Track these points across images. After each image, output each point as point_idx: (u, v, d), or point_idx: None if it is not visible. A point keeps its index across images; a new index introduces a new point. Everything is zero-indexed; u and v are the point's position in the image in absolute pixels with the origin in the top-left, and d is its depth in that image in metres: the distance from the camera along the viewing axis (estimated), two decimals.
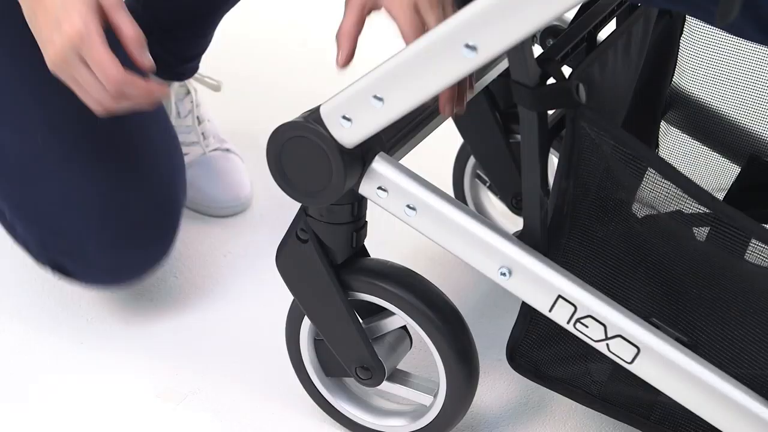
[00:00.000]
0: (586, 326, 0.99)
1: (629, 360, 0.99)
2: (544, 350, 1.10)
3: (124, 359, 1.33)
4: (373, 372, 1.15)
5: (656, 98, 1.25)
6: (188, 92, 1.61)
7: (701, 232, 1.03)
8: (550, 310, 1.00)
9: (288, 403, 1.26)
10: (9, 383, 1.31)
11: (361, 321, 1.13)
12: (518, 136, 1.40)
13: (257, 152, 1.12)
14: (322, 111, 0.99)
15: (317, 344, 1.19)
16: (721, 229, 0.95)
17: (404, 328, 1.17)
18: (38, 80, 1.23)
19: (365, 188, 1.03)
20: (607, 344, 0.99)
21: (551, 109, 0.98)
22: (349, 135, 0.98)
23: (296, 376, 1.21)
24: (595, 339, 0.99)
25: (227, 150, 1.63)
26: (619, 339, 0.98)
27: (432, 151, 1.18)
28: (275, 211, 1.59)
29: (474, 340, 1.13)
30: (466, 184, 1.51)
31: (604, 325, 0.98)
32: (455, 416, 1.15)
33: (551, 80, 0.97)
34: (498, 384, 1.29)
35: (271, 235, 1.52)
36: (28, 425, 1.25)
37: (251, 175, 1.63)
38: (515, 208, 1.44)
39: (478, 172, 1.50)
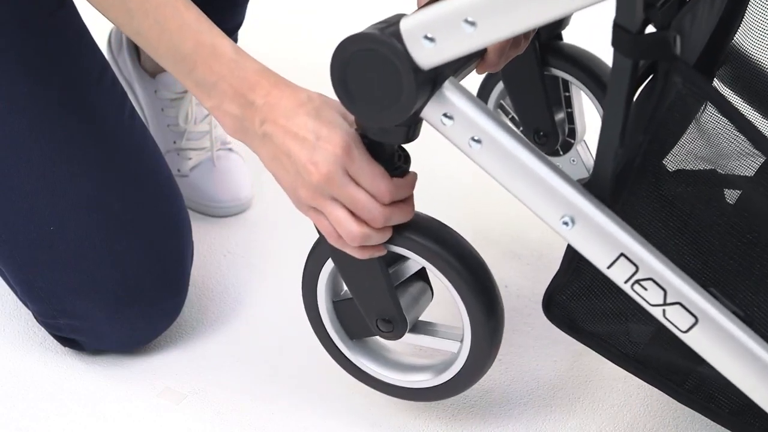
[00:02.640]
0: (645, 289, 0.95)
1: (684, 329, 0.95)
2: (583, 303, 1.06)
3: (124, 359, 1.31)
4: (395, 324, 1.11)
5: (716, 52, 1.20)
6: None
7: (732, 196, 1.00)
8: (608, 267, 0.96)
9: (289, 403, 1.25)
10: (9, 383, 1.27)
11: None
12: (553, 70, 1.36)
13: None
14: (402, 26, 0.92)
15: (336, 306, 1.15)
16: None
17: (426, 280, 1.14)
18: (45, 168, 1.22)
19: (429, 113, 0.97)
20: (664, 310, 0.95)
21: (647, 59, 0.92)
22: (428, 56, 0.92)
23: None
24: (652, 303, 0.95)
25: (229, 149, 1.59)
26: (678, 306, 0.94)
27: None
28: (275, 211, 1.57)
29: (498, 289, 1.10)
30: None
31: (664, 290, 0.94)
32: (480, 368, 1.12)
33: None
34: (498, 384, 1.28)
35: (271, 235, 1.53)
36: (28, 425, 1.22)
37: (252, 175, 1.59)
38: (538, 143, 1.40)
39: (502, 102, 1.44)
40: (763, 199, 0.95)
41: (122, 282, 1.23)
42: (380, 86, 0.94)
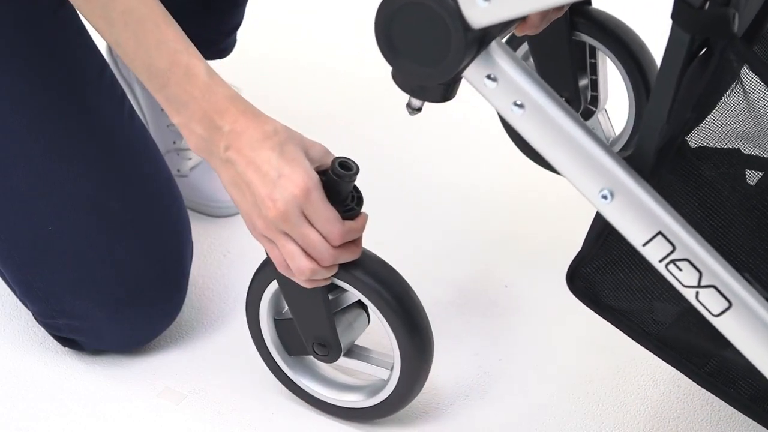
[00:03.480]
0: (680, 269, 0.93)
1: (717, 313, 0.93)
2: (608, 276, 1.04)
3: (124, 359, 1.30)
4: (330, 349, 1.14)
5: (756, 30, 1.18)
6: None
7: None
8: (644, 245, 0.94)
9: (289, 403, 1.24)
10: (9, 383, 1.28)
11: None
12: (581, 35, 1.33)
13: None
14: None
15: (278, 324, 1.18)
16: None
17: (363, 307, 1.16)
18: (45, 168, 1.22)
19: (473, 74, 0.94)
20: (697, 292, 0.93)
21: (706, 35, 0.90)
22: (481, 15, 0.89)
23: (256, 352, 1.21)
24: (685, 284, 0.94)
25: None
26: (712, 290, 0.93)
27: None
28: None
29: (426, 316, 1.13)
30: None
31: (700, 272, 0.92)
32: (407, 395, 1.16)
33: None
34: (498, 384, 1.27)
35: None
36: (28, 425, 1.21)
37: None
38: None
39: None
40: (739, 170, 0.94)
41: (122, 282, 1.23)
42: (427, 43, 0.91)
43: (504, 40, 1.41)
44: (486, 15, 0.89)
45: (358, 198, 1.08)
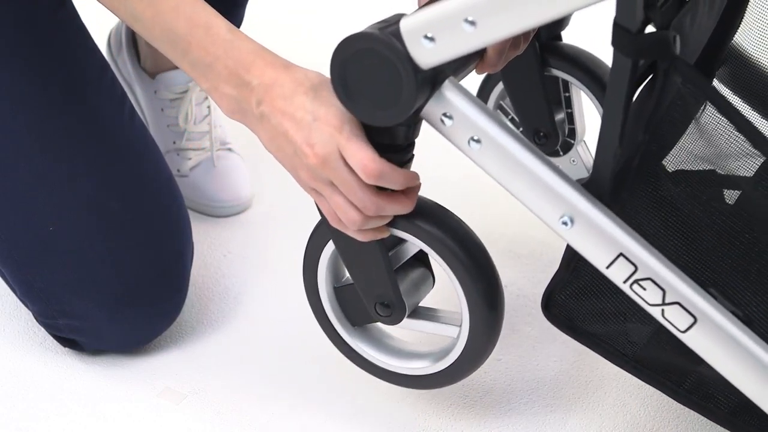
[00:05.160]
0: (644, 289, 0.95)
1: (683, 329, 0.95)
2: (582, 303, 1.06)
3: (124, 359, 1.31)
4: (394, 309, 1.10)
5: (716, 52, 1.20)
6: (207, 96, 1.56)
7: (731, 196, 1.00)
8: (607, 267, 0.96)
9: (289, 403, 1.25)
10: (9, 383, 1.27)
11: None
12: (553, 70, 1.36)
13: (259, 152, 1.08)
14: (402, 26, 0.92)
15: (338, 292, 1.15)
16: None
17: (428, 266, 1.13)
18: (45, 168, 1.22)
19: (429, 113, 0.97)
20: (663, 310, 0.95)
21: (647, 59, 0.92)
22: (428, 56, 0.92)
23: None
24: (650, 303, 0.95)
25: (229, 149, 1.59)
26: (676, 306, 0.94)
27: None
28: (275, 211, 1.57)
29: (501, 283, 1.10)
30: None
31: (663, 290, 0.94)
32: (479, 356, 1.12)
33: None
34: (498, 384, 1.27)
35: (271, 235, 1.52)
36: (28, 425, 1.22)
37: (252, 175, 1.59)
38: (538, 144, 1.40)
39: (502, 103, 1.44)
40: (762, 199, 0.95)
41: (122, 282, 1.23)
42: (380, 86, 0.94)
43: (481, 79, 1.44)
44: (433, 55, 0.92)
45: (406, 148, 1.02)
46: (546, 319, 1.09)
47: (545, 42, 1.34)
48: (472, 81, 1.42)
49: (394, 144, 1.00)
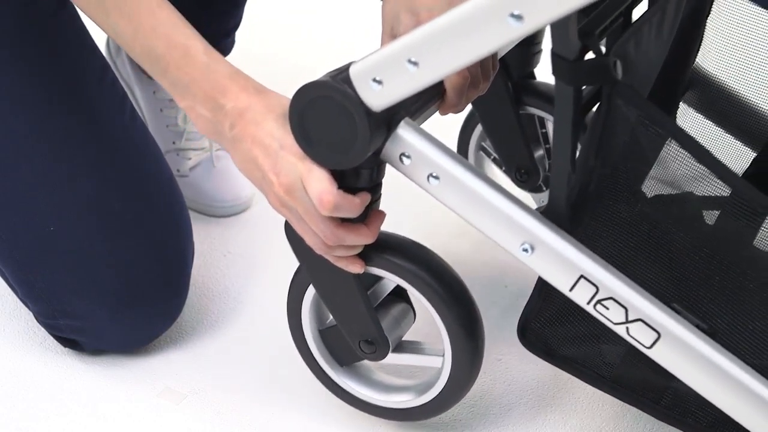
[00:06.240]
0: (607, 308, 0.97)
1: (648, 345, 0.97)
2: (556, 329, 1.09)
3: (124, 359, 1.32)
4: (377, 345, 1.13)
5: (678, 78, 1.23)
6: None
7: (711, 216, 1.02)
8: (570, 290, 0.98)
9: (289, 403, 1.26)
10: (9, 383, 1.29)
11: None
12: (528, 108, 1.39)
13: None
14: (351, 72, 0.96)
15: (322, 334, 1.18)
16: (737, 207, 0.94)
17: (408, 301, 1.16)
18: (46, 168, 1.22)
19: (388, 154, 1.01)
20: (627, 328, 0.97)
21: (588, 84, 0.96)
22: (378, 98, 0.95)
23: (301, 360, 1.21)
24: (614, 321, 0.98)
25: None
26: (639, 323, 0.97)
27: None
28: (275, 211, 1.57)
29: (479, 312, 1.12)
30: (470, 156, 1.49)
31: (625, 308, 0.97)
32: (461, 389, 1.14)
33: (589, 55, 0.95)
34: (498, 384, 1.28)
35: (271, 235, 1.51)
36: (28, 425, 1.23)
37: None
38: (520, 181, 1.42)
39: (483, 144, 1.47)
40: (694, 209, 0.98)
41: (122, 282, 1.24)
42: (336, 131, 0.97)
43: (464, 120, 1.47)
44: (382, 97, 0.95)
45: (373, 183, 1.04)
46: (523, 346, 1.11)
47: (518, 81, 1.37)
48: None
49: (358, 187, 1.04)
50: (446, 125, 1.47)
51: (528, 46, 1.36)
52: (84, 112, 1.25)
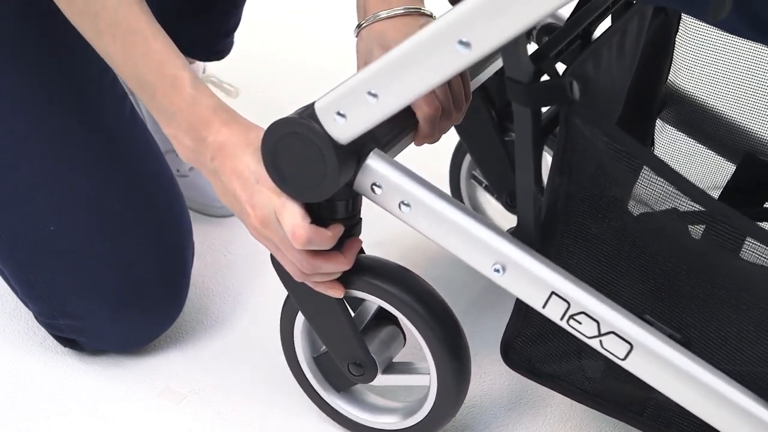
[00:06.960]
0: (580, 323, 0.99)
1: (622, 356, 0.99)
2: (537, 347, 1.10)
3: (124, 359, 1.33)
4: (365, 367, 1.15)
5: (651, 96, 1.25)
6: None
7: (697, 231, 1.03)
8: (543, 307, 1.00)
9: (289, 403, 1.26)
10: (9, 383, 1.30)
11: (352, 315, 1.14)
12: (512, 134, 1.41)
13: None
14: (316, 107, 0.99)
15: (317, 360, 1.20)
16: (715, 227, 0.96)
17: (396, 324, 1.18)
18: (46, 168, 1.23)
19: (360, 184, 1.04)
20: (600, 341, 0.99)
21: (545, 105, 0.98)
22: (343, 131, 0.98)
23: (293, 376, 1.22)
24: (588, 335, 1.00)
25: None
26: (612, 335, 0.98)
27: (427, 149, 1.19)
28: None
29: (465, 337, 1.13)
30: (462, 184, 1.51)
31: (597, 322, 0.98)
32: (449, 408, 1.16)
33: (545, 77, 0.97)
34: (497, 384, 1.29)
35: None
36: (28, 425, 1.24)
37: None
38: (510, 206, 1.44)
39: (474, 173, 1.50)
40: (676, 224, 0.99)
41: (122, 282, 1.24)
42: (307, 165, 1.00)
43: (453, 150, 1.50)
44: (347, 130, 0.98)
45: (349, 215, 1.07)
46: (507, 366, 1.13)
47: (500, 108, 1.39)
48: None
49: (335, 218, 1.07)
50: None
51: None
52: (84, 112, 1.26)
